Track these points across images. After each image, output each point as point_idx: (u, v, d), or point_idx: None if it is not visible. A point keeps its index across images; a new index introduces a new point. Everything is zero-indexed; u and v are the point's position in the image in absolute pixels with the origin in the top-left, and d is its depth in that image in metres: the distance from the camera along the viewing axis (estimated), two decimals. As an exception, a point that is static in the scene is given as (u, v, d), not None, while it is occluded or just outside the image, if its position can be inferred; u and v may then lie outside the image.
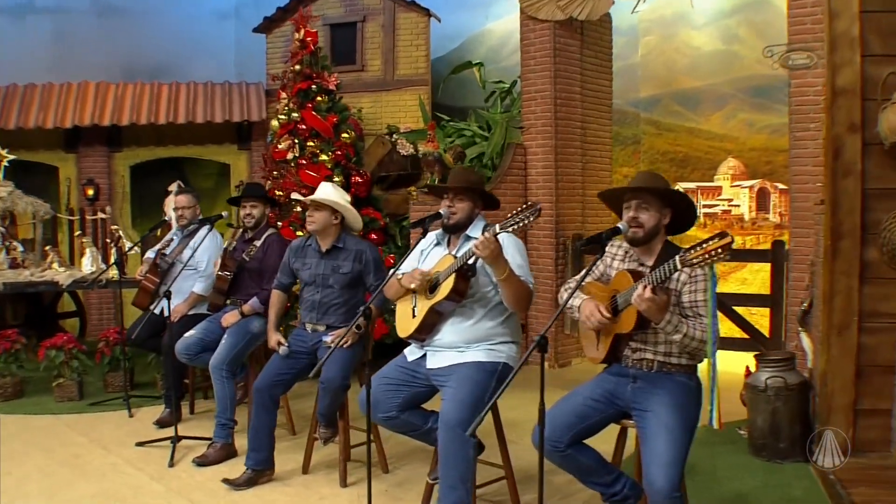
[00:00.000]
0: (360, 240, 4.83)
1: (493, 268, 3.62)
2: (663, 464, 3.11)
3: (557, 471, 4.73)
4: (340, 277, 4.67)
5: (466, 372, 3.77)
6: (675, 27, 8.31)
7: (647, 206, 3.38)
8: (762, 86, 7.61)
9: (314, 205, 4.69)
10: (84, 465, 4.97)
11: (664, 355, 3.35)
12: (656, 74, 8.40)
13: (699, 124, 8.10)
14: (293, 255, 4.87)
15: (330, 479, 4.75)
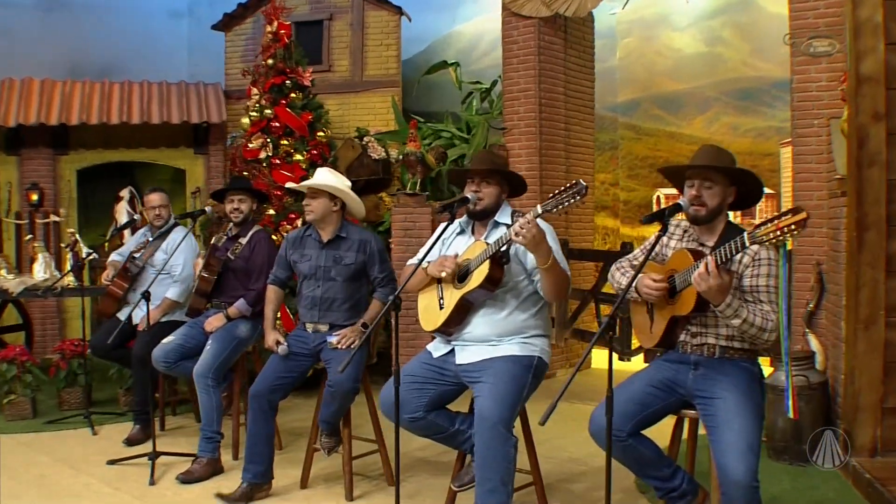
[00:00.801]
0: (363, 229, 4.48)
1: (535, 255, 3.32)
2: (740, 452, 2.88)
3: (577, 478, 4.53)
4: (343, 269, 4.30)
5: (503, 366, 3.47)
6: (655, 29, 8.17)
7: (712, 183, 3.15)
8: (747, 88, 7.50)
9: (311, 192, 4.33)
10: (53, 486, 4.47)
11: (727, 340, 3.13)
12: (635, 78, 8.24)
13: (681, 128, 7.95)
14: (291, 246, 4.49)
15: (332, 492, 4.37)
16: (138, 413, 5.34)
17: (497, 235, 3.58)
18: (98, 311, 5.65)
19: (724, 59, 7.68)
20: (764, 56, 7.38)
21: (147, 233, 5.68)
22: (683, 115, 7.96)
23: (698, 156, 3.24)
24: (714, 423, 3.00)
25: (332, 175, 4.41)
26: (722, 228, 3.19)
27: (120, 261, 5.68)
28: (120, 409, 6.03)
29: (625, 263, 3.44)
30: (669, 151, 8.06)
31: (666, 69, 8.07)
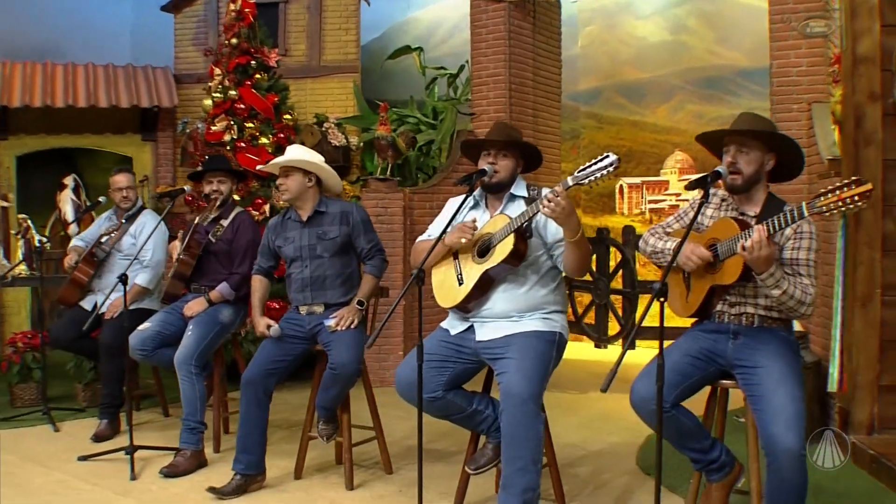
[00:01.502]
0: (343, 201, 4.29)
1: (564, 227, 3.20)
2: (788, 420, 2.81)
3: (580, 462, 4.43)
4: (329, 244, 4.11)
5: (527, 342, 3.33)
6: (618, 17, 8.16)
7: (748, 150, 3.08)
8: (712, 77, 7.55)
9: (283, 170, 4.12)
10: (25, 484, 4.14)
11: (765, 309, 3.06)
12: (598, 66, 8.22)
13: (644, 117, 7.96)
14: (272, 232, 4.28)
15: (329, 482, 4.17)
16: (106, 407, 5.02)
17: (514, 208, 3.48)
18: (59, 299, 5.29)
19: (688, 47, 7.71)
20: (729, 44, 7.45)
21: (112, 216, 5.36)
22: (647, 104, 7.97)
23: (736, 123, 3.17)
24: (758, 392, 2.93)
25: (304, 151, 4.23)
26: (764, 198, 3.12)
27: (83, 246, 5.34)
28: (79, 404, 5.68)
29: (659, 230, 3.36)
30: (633, 140, 8.07)
31: (629, 57, 8.07)
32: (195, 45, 8.29)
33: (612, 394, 6.16)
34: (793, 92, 5.60)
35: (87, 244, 5.35)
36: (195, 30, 8.39)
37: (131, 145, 8.20)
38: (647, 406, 2.99)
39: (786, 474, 2.80)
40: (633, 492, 3.99)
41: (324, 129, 7.50)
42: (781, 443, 2.78)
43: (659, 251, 3.24)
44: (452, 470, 4.24)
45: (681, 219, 3.34)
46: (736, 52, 7.37)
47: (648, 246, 3.31)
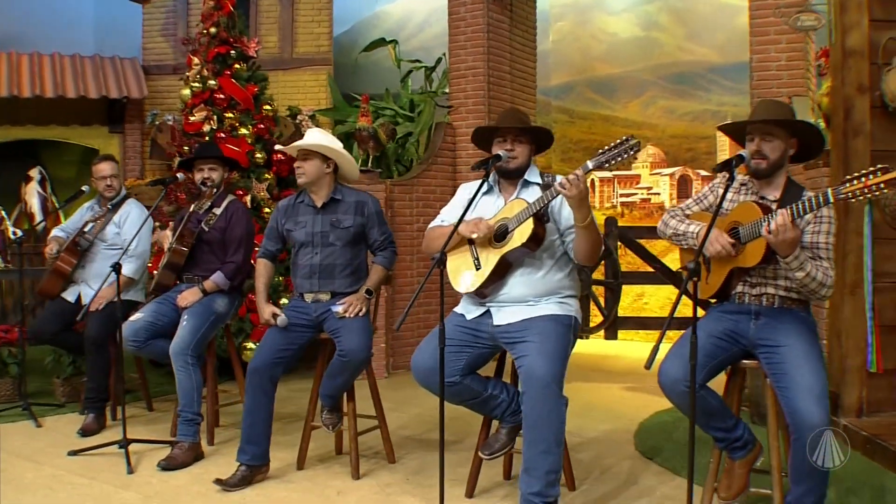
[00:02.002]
0: (358, 191, 4.25)
1: (577, 211, 3.22)
2: (815, 394, 2.88)
3: (579, 448, 4.46)
4: (342, 233, 4.06)
5: (545, 325, 3.36)
6: (590, 13, 8.25)
7: (772, 137, 3.15)
8: (683, 72, 7.68)
9: (302, 154, 4.07)
10: (17, 480, 4.01)
11: (785, 290, 3.14)
12: (569, 61, 8.29)
13: (616, 112, 8.06)
14: (282, 215, 4.21)
15: (333, 472, 4.14)
16: (92, 401, 4.90)
17: (528, 194, 3.48)
18: (41, 291, 5.14)
19: (659, 43, 7.84)
20: (700, 41, 7.59)
21: (96, 205, 5.23)
22: (618, 99, 8.07)
23: (757, 111, 3.23)
24: (783, 370, 2.98)
25: (324, 135, 4.17)
26: (784, 183, 3.19)
27: (63, 236, 5.21)
28: (57, 399, 5.53)
29: (678, 213, 3.40)
30: (605, 135, 8.15)
31: (601, 53, 8.17)
32: (164, 36, 8.15)
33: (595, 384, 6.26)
34: (773, 86, 5.72)
35: (69, 234, 5.22)
36: (164, 20, 8.24)
37: (98, 137, 8.01)
38: (678, 387, 3.03)
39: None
40: (638, 475, 4.04)
41: (297, 122, 7.41)
42: (809, 416, 2.84)
43: (681, 234, 3.28)
44: (455, 458, 4.27)
45: (700, 201, 3.39)
46: (707, 49, 7.52)
47: (669, 228, 3.35)
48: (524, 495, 3.22)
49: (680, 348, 3.10)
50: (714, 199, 3.33)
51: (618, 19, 8.09)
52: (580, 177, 3.13)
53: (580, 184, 3.13)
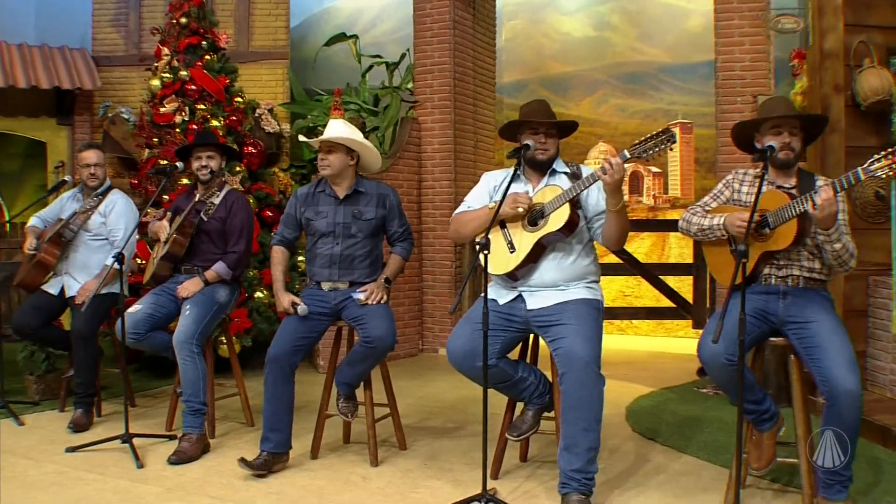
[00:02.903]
0: (379, 183, 4.28)
1: (612, 197, 3.37)
2: (848, 364, 3.09)
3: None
4: (364, 225, 4.10)
5: (580, 308, 3.49)
6: (542, 12, 8.42)
7: (797, 130, 3.36)
8: (635, 72, 7.94)
9: (327, 146, 4.08)
10: (20, 477, 3.87)
11: (808, 271, 3.35)
12: (522, 59, 8.45)
13: (568, 109, 8.25)
14: (301, 203, 4.20)
15: (348, 460, 4.16)
16: (81, 396, 4.77)
17: (557, 182, 3.60)
18: (22, 283, 4.96)
19: (611, 43, 8.08)
20: (651, 42, 7.87)
21: (79, 194, 5.07)
22: (571, 97, 8.29)
23: (777, 108, 3.41)
24: (814, 343, 3.18)
25: (348, 127, 4.17)
26: (796, 171, 3.40)
27: (41, 227, 5.06)
28: (31, 397, 5.34)
29: (698, 210, 3.56)
30: (556, 132, 8.32)
31: (553, 52, 8.36)
32: (115, 27, 7.92)
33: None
34: (737, 85, 6.00)
35: (47, 223, 5.07)
36: (115, 10, 8.01)
37: (46, 129, 7.73)
38: (718, 361, 3.21)
39: (846, 414, 3.07)
40: (646, 454, 4.20)
41: (257, 115, 7.35)
42: (844, 384, 3.04)
43: (706, 228, 3.44)
44: (465, 444, 4.36)
45: (717, 197, 3.56)
46: (657, 49, 7.80)
47: (693, 225, 3.50)
48: (565, 472, 3.33)
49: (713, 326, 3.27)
50: (730, 193, 3.52)
51: (570, 19, 8.30)
52: (619, 164, 3.27)
53: (619, 170, 3.27)
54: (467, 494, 3.43)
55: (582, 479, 3.32)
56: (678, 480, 3.80)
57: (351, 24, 8.90)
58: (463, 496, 3.42)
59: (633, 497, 3.58)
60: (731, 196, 3.52)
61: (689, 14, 7.73)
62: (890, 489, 3.57)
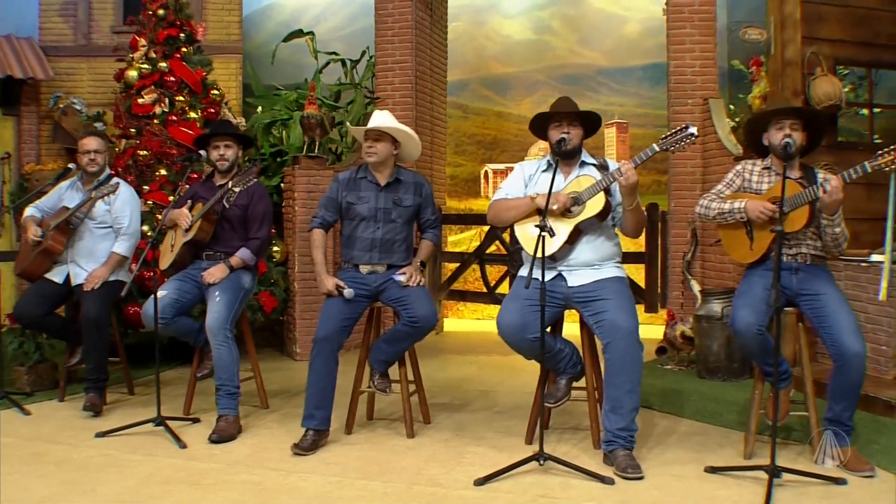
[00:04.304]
0: (415, 173, 4.54)
1: (626, 198, 3.81)
2: (853, 330, 3.62)
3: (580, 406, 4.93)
4: (403, 211, 4.36)
5: (616, 285, 3.90)
6: (485, 14, 8.78)
7: (797, 126, 3.84)
8: (574, 74, 8.42)
9: (374, 135, 4.31)
10: (67, 462, 3.91)
11: (814, 249, 3.86)
12: (464, 59, 8.77)
13: (509, 108, 8.66)
14: (343, 187, 4.40)
15: (382, 434, 4.41)
16: (94, 382, 4.81)
17: (587, 172, 3.98)
18: (24, 272, 4.92)
19: (551, 46, 8.54)
20: (590, 46, 8.38)
21: (78, 182, 5.06)
22: (511, 97, 8.70)
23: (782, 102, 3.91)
24: (825, 312, 3.69)
25: (392, 118, 4.40)
26: (799, 165, 3.91)
27: (39, 215, 5.03)
28: (22, 388, 5.27)
29: (713, 196, 4.01)
30: (498, 129, 8.76)
31: (495, 53, 8.75)
32: (63, 17, 7.77)
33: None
34: (688, 89, 6.56)
35: (45, 213, 5.05)
36: (63, 0, 7.83)
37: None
38: (752, 330, 3.65)
39: (853, 374, 3.59)
40: (651, 420, 4.62)
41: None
42: (852, 348, 3.56)
43: (726, 212, 3.89)
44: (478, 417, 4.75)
45: (730, 185, 4.01)
46: (596, 53, 8.33)
47: (712, 210, 3.94)
48: (611, 431, 3.72)
49: (749, 300, 3.74)
50: (741, 182, 3.99)
51: (512, 22, 8.72)
52: (631, 169, 3.70)
53: (633, 176, 3.69)
54: (512, 459, 3.73)
55: (627, 437, 3.72)
56: (691, 439, 4.25)
57: (294, 20, 9.00)
58: (508, 461, 3.72)
59: (661, 453, 3.99)
60: (742, 184, 3.99)
61: (626, 21, 8.30)
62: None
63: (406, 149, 4.44)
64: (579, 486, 3.52)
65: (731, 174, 4.09)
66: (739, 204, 3.86)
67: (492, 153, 8.72)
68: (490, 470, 3.63)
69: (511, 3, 8.76)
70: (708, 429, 4.46)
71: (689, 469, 3.76)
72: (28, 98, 7.60)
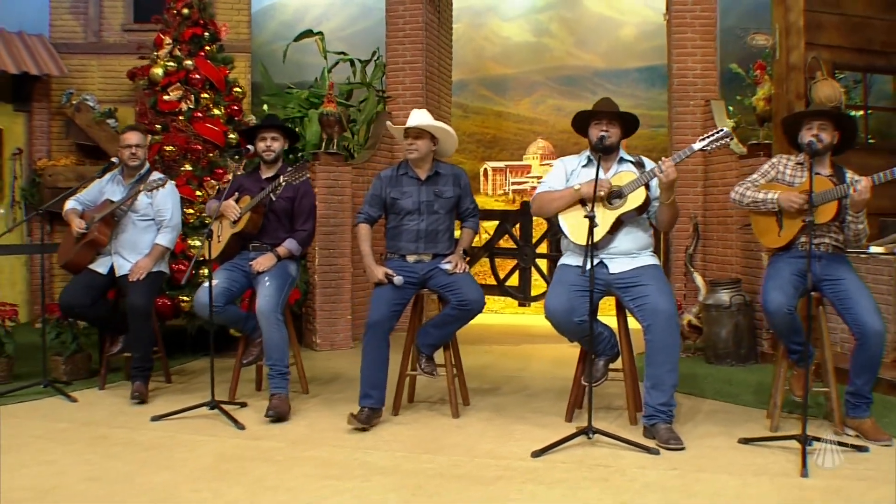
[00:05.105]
0: (452, 165, 4.79)
1: (664, 193, 4.12)
2: (874, 310, 3.97)
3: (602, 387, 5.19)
4: (445, 202, 4.62)
5: (653, 271, 4.21)
6: (484, 17, 9.07)
7: (826, 127, 4.17)
8: (571, 75, 8.74)
9: (414, 132, 4.56)
10: (133, 443, 4.08)
11: (835, 241, 4.19)
12: (464, 60, 9.03)
13: (508, 108, 8.95)
14: (387, 184, 4.64)
15: (427, 414, 4.66)
16: (140, 370, 4.97)
17: (625, 169, 4.27)
18: (69, 264, 5.06)
19: (549, 48, 8.86)
20: (586, 48, 8.71)
21: (118, 176, 5.22)
22: (510, 97, 9.00)
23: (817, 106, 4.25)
24: (847, 296, 4.02)
25: (430, 116, 4.64)
26: (829, 162, 4.24)
27: (80, 208, 5.18)
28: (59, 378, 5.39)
29: (749, 185, 4.32)
30: (497, 129, 9.03)
31: (494, 54, 9.04)
32: (73, 14, 7.87)
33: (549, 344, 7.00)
34: (689, 91, 6.91)
35: (85, 206, 5.20)
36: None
37: (2, 115, 7.58)
38: (782, 310, 3.97)
39: (874, 350, 3.94)
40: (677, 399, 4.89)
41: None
42: (874, 327, 3.91)
43: (760, 201, 4.20)
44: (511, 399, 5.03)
45: (765, 175, 4.33)
46: (592, 55, 8.65)
47: (746, 198, 4.25)
48: (653, 406, 4.02)
49: (775, 282, 4.06)
50: (775, 174, 4.31)
51: (511, 25, 9.01)
52: (671, 166, 4.01)
53: (673, 173, 4.01)
54: (557, 436, 3.99)
55: (667, 412, 4.02)
56: (716, 416, 4.57)
57: (297, 20, 9.19)
58: (555, 436, 3.99)
59: (693, 428, 4.29)
60: (776, 176, 4.31)
61: (622, 24, 8.64)
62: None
63: (444, 144, 4.68)
64: (628, 457, 3.79)
65: (766, 165, 4.39)
66: (773, 195, 4.17)
67: (491, 151, 9.01)
68: (539, 445, 3.89)
69: (510, 5, 9.06)
70: (729, 407, 4.78)
71: (722, 441, 4.06)
72: (39, 94, 7.70)
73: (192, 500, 3.29)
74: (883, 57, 6.07)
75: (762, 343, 6.00)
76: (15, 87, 7.58)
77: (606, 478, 3.52)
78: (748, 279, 6.15)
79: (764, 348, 5.97)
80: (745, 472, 3.58)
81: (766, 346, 5.96)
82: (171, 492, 3.38)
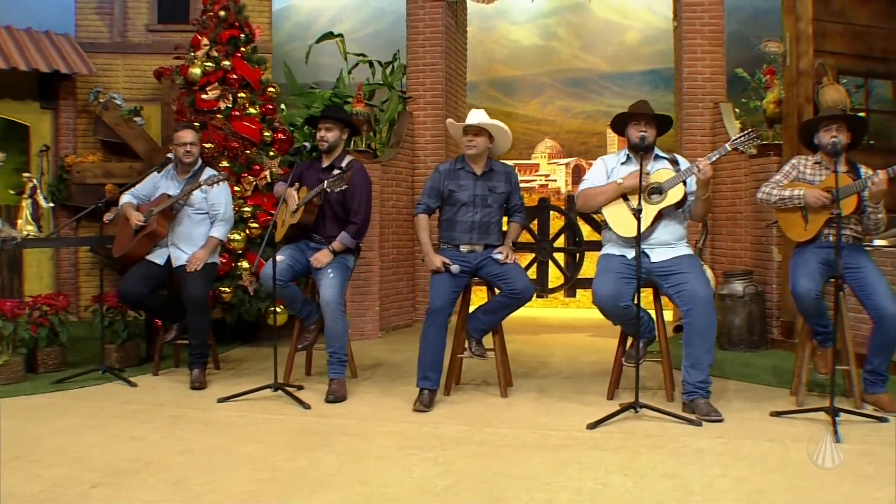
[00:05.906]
0: (503, 163, 5.11)
1: (701, 189, 4.51)
2: (891, 297, 4.37)
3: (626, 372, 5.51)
4: (498, 197, 4.94)
5: (690, 261, 4.57)
6: (494, 21, 9.41)
7: (842, 129, 4.56)
8: (577, 78, 9.12)
9: (474, 130, 4.87)
10: (212, 421, 4.37)
11: (855, 232, 4.58)
12: (475, 63, 9.35)
13: (517, 109, 9.30)
14: (445, 177, 4.95)
15: (475, 395, 4.95)
16: (198, 357, 5.23)
17: (662, 166, 4.63)
18: (128, 255, 5.29)
19: (557, 51, 9.23)
20: (593, 52, 9.09)
21: (173, 171, 5.47)
22: (519, 98, 9.36)
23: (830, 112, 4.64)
24: (866, 282, 4.41)
25: (486, 115, 4.96)
26: (846, 160, 4.63)
27: (135, 202, 5.42)
28: (112, 365, 5.63)
29: (773, 184, 4.68)
30: (506, 128, 9.36)
31: (503, 57, 9.39)
32: (99, 14, 8.07)
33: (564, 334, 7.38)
34: (698, 93, 7.30)
35: (140, 200, 5.44)
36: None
37: (30, 112, 7.77)
38: (810, 295, 4.35)
39: (891, 331, 4.33)
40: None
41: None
42: (890, 310, 4.30)
43: (787, 198, 4.58)
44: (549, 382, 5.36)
45: (787, 175, 4.70)
46: (598, 59, 9.03)
47: (773, 196, 4.62)
48: (692, 384, 4.38)
49: (803, 269, 4.44)
50: (796, 174, 4.69)
51: (520, 28, 9.37)
52: (708, 165, 4.39)
53: (709, 171, 4.40)
54: (603, 412, 4.34)
55: (705, 388, 4.38)
56: (743, 394, 4.94)
57: (310, 22, 9.46)
58: (602, 412, 4.33)
59: (725, 404, 4.63)
60: (797, 175, 4.69)
61: (627, 29, 9.04)
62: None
63: (499, 141, 5.00)
64: (674, 428, 4.15)
65: (787, 166, 4.76)
66: (799, 192, 4.54)
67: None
68: (589, 419, 4.24)
69: (519, 10, 9.41)
70: (753, 387, 5.15)
71: (755, 415, 4.43)
72: (65, 92, 7.89)
73: (289, 467, 3.58)
74: (883, 63, 6.49)
75: (772, 330, 6.39)
76: (41, 86, 7.77)
77: (662, 445, 3.87)
78: (758, 271, 6.54)
79: (774, 335, 6.37)
80: (785, 439, 3.95)
81: (776, 332, 6.36)
82: (266, 461, 3.66)
